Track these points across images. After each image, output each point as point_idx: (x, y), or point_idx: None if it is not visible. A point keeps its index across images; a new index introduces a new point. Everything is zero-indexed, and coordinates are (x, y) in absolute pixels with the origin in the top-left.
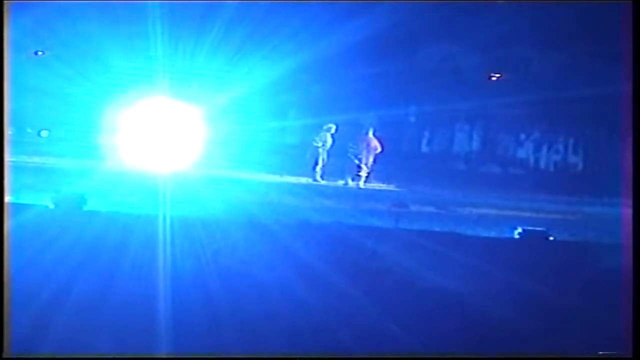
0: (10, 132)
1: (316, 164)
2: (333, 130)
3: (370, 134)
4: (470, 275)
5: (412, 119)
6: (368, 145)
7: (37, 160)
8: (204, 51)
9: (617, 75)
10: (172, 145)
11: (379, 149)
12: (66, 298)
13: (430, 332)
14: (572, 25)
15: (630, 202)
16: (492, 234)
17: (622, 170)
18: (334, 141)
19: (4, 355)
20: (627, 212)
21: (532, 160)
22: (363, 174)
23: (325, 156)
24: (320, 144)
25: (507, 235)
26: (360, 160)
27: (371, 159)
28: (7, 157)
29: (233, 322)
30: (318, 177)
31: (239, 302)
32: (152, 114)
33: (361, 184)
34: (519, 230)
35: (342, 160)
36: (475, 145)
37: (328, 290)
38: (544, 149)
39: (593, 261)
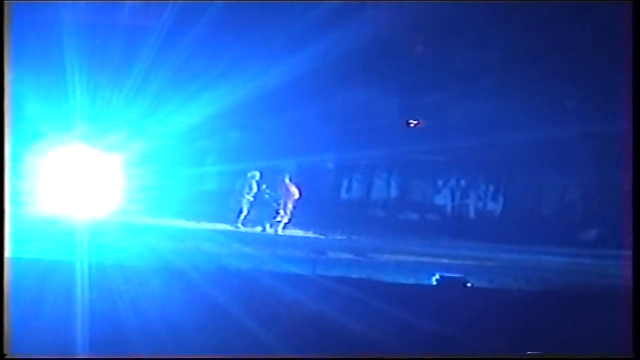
0: None
1: (240, 211)
2: (257, 178)
3: (287, 180)
4: (387, 322)
5: (330, 165)
6: (286, 191)
7: None
8: (122, 98)
9: (535, 122)
10: (90, 192)
11: (297, 196)
12: None
13: None
14: (493, 71)
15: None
16: (410, 280)
17: (539, 216)
18: (258, 188)
19: (4, 356)
20: (545, 258)
21: (450, 207)
22: (281, 220)
23: (248, 204)
24: (251, 195)
25: (425, 281)
26: (278, 206)
27: (290, 205)
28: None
29: None
30: (240, 224)
31: (157, 348)
32: (70, 161)
33: (279, 230)
34: (437, 276)
35: (260, 206)
36: (394, 191)
37: (245, 336)
38: (462, 195)
39: (510, 307)
